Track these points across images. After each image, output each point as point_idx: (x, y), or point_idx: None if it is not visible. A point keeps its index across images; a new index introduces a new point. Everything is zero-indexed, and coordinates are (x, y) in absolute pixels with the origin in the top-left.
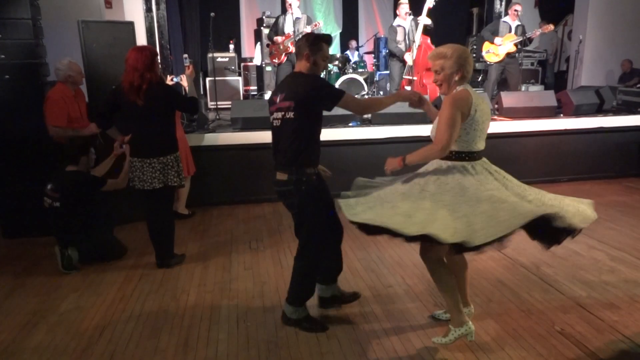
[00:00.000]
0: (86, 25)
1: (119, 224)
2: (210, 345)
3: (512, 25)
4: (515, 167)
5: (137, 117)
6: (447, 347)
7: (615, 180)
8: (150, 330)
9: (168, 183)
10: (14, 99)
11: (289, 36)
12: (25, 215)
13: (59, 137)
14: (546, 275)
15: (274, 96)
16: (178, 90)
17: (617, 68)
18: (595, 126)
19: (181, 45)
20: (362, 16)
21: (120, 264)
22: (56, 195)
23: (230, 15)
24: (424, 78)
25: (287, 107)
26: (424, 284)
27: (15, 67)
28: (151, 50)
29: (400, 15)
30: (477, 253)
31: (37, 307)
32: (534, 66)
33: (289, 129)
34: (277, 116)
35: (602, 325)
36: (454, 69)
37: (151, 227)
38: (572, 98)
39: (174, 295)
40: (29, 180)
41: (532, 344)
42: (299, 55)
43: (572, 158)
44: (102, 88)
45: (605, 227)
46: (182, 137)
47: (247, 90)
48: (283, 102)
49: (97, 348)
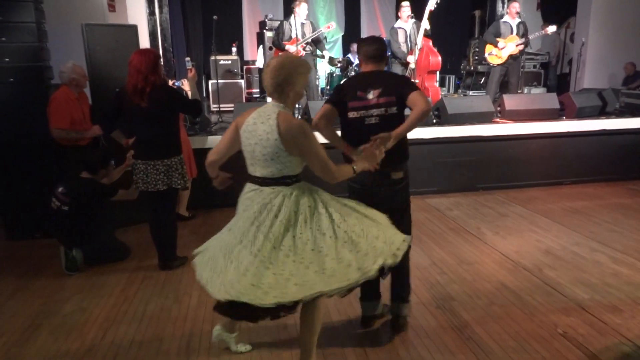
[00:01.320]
0: (90, 29)
1: (121, 226)
2: (212, 348)
3: (512, 24)
4: (517, 170)
5: (141, 119)
6: (449, 349)
7: (618, 182)
8: (153, 332)
9: (172, 185)
10: (18, 101)
11: (295, 41)
12: (29, 217)
13: (62, 139)
14: (549, 278)
15: (359, 92)
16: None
17: (620, 71)
18: (598, 129)
19: (184, 48)
20: (364, 19)
21: (123, 266)
22: (67, 199)
23: (233, 18)
24: (426, 81)
25: (389, 103)
26: (426, 286)
27: (19, 70)
28: (154, 53)
29: (402, 18)
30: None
31: (40, 309)
32: (536, 68)
33: (396, 124)
34: (375, 113)
35: (604, 328)
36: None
37: (154, 229)
38: (574, 100)
39: (176, 297)
40: (33, 183)
41: (534, 346)
42: (377, 58)
43: (574, 161)
44: (105, 91)
45: (608, 230)
46: (185, 140)
47: (250, 92)
48: (381, 97)
49: (100, 350)
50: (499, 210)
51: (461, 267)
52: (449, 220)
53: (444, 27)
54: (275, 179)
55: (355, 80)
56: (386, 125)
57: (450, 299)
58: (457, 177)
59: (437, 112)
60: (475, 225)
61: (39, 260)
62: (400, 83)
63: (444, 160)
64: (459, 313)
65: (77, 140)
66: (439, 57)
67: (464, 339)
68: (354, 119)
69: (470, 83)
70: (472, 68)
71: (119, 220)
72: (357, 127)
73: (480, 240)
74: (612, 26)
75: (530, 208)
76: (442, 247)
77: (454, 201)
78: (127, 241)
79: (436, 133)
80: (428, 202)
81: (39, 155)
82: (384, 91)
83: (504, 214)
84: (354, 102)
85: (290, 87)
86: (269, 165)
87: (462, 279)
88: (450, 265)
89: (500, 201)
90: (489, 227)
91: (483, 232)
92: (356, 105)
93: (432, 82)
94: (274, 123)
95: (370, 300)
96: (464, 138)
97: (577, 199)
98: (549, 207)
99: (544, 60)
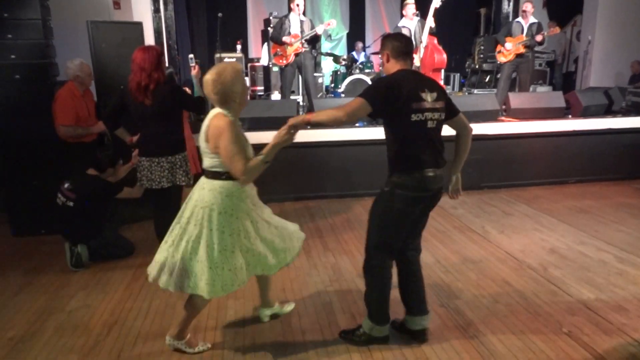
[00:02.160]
0: (95, 26)
1: (126, 223)
2: (216, 345)
3: (524, 25)
4: (522, 169)
5: (145, 116)
6: (454, 348)
7: (624, 182)
8: (158, 328)
9: (176, 182)
10: (24, 98)
11: (296, 37)
12: (35, 213)
13: (69, 136)
14: (554, 277)
15: (419, 92)
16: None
17: (626, 69)
18: (604, 127)
19: (189, 46)
20: (369, 17)
21: (127, 263)
22: (72, 195)
23: (237, 16)
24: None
25: (442, 108)
26: (430, 285)
27: (25, 67)
28: (157, 50)
29: (407, 16)
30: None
31: (45, 305)
32: (542, 67)
33: (440, 129)
34: (433, 117)
35: (610, 327)
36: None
37: (159, 226)
38: (580, 99)
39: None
40: (39, 179)
41: (539, 346)
42: (410, 54)
43: (580, 159)
44: (110, 88)
45: (614, 229)
46: (189, 136)
47: (254, 90)
48: (437, 101)
49: (105, 345)
50: (504, 209)
51: (465, 265)
52: (454, 218)
53: (449, 25)
54: (211, 172)
55: (411, 79)
56: (439, 129)
57: (454, 297)
58: (462, 175)
59: None
60: (480, 224)
61: (45, 257)
62: (446, 94)
63: (447, 158)
64: (463, 312)
65: (83, 137)
66: (444, 55)
67: (468, 338)
68: (416, 122)
69: (475, 81)
70: (477, 66)
71: (123, 216)
72: (419, 130)
73: (485, 239)
74: (618, 24)
75: (535, 207)
76: (447, 246)
77: (458, 199)
78: (131, 238)
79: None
80: None
81: (45, 151)
82: (439, 96)
83: (509, 213)
84: (418, 103)
85: (230, 98)
86: (205, 158)
87: (466, 278)
88: (455, 264)
89: (505, 200)
90: (494, 226)
91: (487, 230)
92: (420, 107)
93: (437, 80)
94: (207, 123)
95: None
96: None
97: (582, 198)
98: (554, 206)
99: (549, 59)
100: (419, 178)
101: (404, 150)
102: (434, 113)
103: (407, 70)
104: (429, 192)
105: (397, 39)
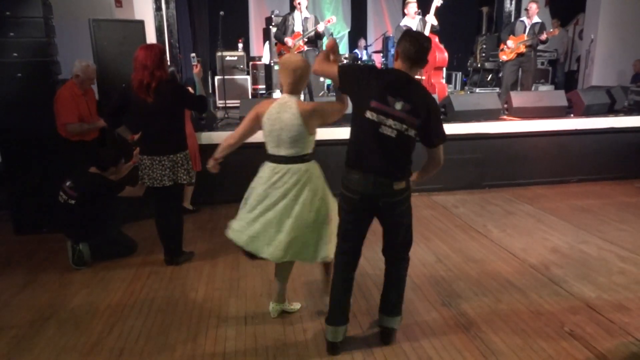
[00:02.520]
0: (97, 24)
1: (127, 222)
2: (218, 343)
3: (527, 24)
4: (524, 168)
5: (147, 115)
6: (456, 347)
7: (626, 181)
8: (160, 327)
9: (178, 181)
10: (26, 96)
11: (298, 35)
12: (37, 212)
13: (75, 133)
14: (556, 276)
15: (388, 95)
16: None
17: (629, 68)
18: (606, 126)
19: (190, 44)
20: (371, 15)
21: (129, 261)
22: (74, 194)
23: (239, 14)
24: (432, 77)
25: (411, 124)
26: (432, 283)
27: (27, 66)
28: (160, 48)
29: (409, 15)
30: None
31: (48, 303)
32: (544, 66)
33: (408, 144)
34: (392, 125)
35: (612, 327)
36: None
37: (160, 224)
38: (582, 98)
39: (182, 292)
40: (41, 177)
41: (541, 345)
42: (420, 61)
43: (582, 159)
44: (112, 86)
45: (616, 228)
46: (192, 134)
47: (256, 89)
48: (407, 115)
49: (107, 343)
50: (506, 207)
51: (467, 264)
52: (455, 217)
53: (451, 23)
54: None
55: (388, 79)
56: (400, 142)
57: (456, 296)
58: (463, 174)
59: (443, 109)
60: (482, 223)
61: (47, 255)
62: (433, 117)
63: (450, 157)
64: (465, 310)
65: (88, 133)
66: (445, 54)
67: (470, 337)
68: (369, 120)
69: (477, 80)
70: (479, 65)
71: (125, 215)
72: (369, 129)
73: (487, 237)
74: (621, 23)
75: (537, 206)
76: (448, 244)
77: (460, 198)
78: (133, 236)
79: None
80: (434, 199)
81: (47, 150)
82: (413, 110)
83: (511, 212)
84: (380, 104)
85: (303, 84)
86: (293, 147)
87: (468, 277)
88: (456, 263)
89: (506, 199)
90: (496, 225)
91: (489, 229)
92: (380, 107)
93: (439, 79)
94: (297, 112)
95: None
96: (471, 135)
97: (584, 197)
98: (556, 205)
99: (552, 58)
100: (348, 177)
101: (350, 144)
102: (395, 122)
103: (397, 72)
104: (356, 194)
105: (410, 42)
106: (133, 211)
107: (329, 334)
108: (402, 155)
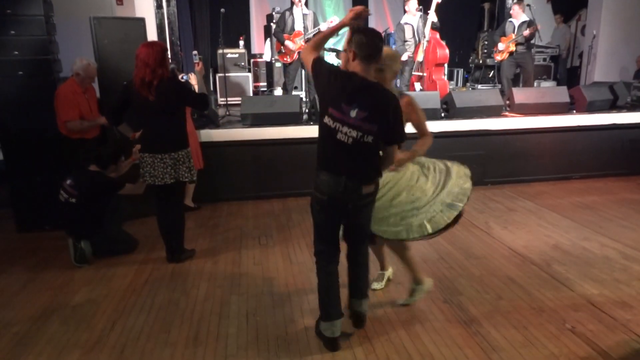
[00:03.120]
0: (98, 22)
1: (129, 219)
2: (220, 340)
3: (515, 24)
4: (526, 164)
5: (148, 112)
6: (457, 343)
7: (629, 177)
8: (161, 324)
9: (179, 178)
10: (27, 94)
11: (299, 34)
12: (39, 209)
13: (76, 131)
14: (557, 273)
15: (342, 102)
16: (188, 86)
17: (631, 64)
18: (609, 123)
19: (191, 42)
20: (372, 12)
21: (131, 258)
22: (74, 192)
23: (240, 12)
24: (434, 74)
25: (368, 131)
26: (433, 280)
27: (28, 64)
28: (162, 46)
29: (410, 12)
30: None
31: (50, 300)
32: (546, 62)
33: (368, 150)
34: (348, 132)
35: (614, 323)
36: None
37: (162, 222)
38: (585, 94)
39: (184, 289)
40: (43, 175)
41: (542, 341)
42: (373, 58)
43: (584, 155)
44: (113, 83)
45: (618, 225)
46: (193, 132)
47: (257, 86)
48: (362, 122)
49: (109, 341)
50: (507, 204)
51: (469, 261)
52: None
53: (452, 19)
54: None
55: (343, 85)
56: (357, 149)
57: (457, 293)
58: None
59: (445, 105)
60: (484, 220)
61: (49, 252)
62: (393, 120)
63: (451, 154)
64: (466, 307)
65: (89, 131)
66: (446, 50)
67: (471, 334)
68: (327, 125)
69: (478, 76)
70: (480, 61)
71: (126, 212)
72: (328, 134)
73: (488, 234)
74: (623, 18)
75: (539, 203)
76: (450, 241)
77: None
78: (135, 234)
79: (444, 127)
80: None
81: (48, 147)
82: (370, 117)
83: (513, 209)
84: (335, 111)
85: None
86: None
87: (469, 274)
88: (458, 260)
89: (508, 195)
90: (497, 222)
91: (491, 226)
92: (335, 115)
93: (440, 75)
94: (397, 104)
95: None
96: (472, 132)
97: (586, 193)
98: (558, 202)
99: (554, 54)
100: (318, 178)
101: (318, 145)
102: (350, 129)
103: (354, 76)
104: (323, 195)
105: (365, 35)
106: (134, 209)
107: (327, 330)
108: (364, 160)
